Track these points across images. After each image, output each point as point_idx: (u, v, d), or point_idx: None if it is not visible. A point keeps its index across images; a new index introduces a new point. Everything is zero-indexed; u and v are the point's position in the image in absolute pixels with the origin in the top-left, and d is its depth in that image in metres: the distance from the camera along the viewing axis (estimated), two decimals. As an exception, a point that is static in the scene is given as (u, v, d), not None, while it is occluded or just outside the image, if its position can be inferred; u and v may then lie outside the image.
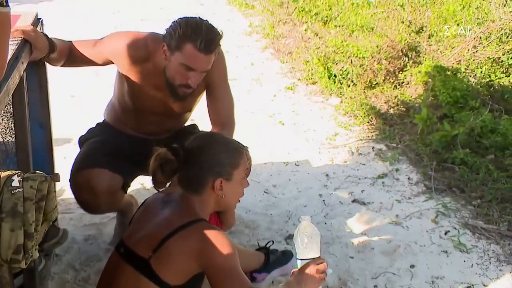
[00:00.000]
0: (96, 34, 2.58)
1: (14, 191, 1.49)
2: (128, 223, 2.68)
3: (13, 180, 1.50)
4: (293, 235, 2.77)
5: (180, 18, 2.25)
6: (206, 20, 2.25)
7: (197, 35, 2.17)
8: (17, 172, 1.56)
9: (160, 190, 1.93)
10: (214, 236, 1.78)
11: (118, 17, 6.57)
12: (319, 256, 1.91)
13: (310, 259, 1.89)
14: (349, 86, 4.57)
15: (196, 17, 2.26)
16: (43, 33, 2.26)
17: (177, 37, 2.19)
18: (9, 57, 1.60)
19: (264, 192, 3.22)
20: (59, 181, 1.67)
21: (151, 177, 1.88)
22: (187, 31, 2.18)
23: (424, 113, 3.80)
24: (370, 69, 4.59)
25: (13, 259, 1.49)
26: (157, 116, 2.49)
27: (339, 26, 5.66)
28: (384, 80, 4.57)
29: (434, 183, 3.26)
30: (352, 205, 3.10)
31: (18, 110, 2.04)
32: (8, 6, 1.42)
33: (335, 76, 4.66)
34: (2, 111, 2.08)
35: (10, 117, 2.19)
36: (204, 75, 2.28)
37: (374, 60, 4.63)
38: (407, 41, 4.86)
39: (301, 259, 1.91)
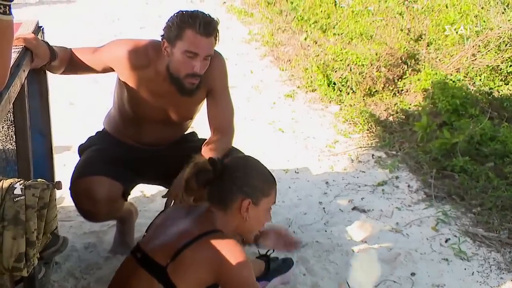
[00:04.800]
0: (95, 42, 2.59)
1: (16, 199, 1.48)
2: (127, 231, 2.70)
3: (15, 188, 1.50)
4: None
5: (175, 13, 2.28)
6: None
7: (195, 19, 2.20)
8: (19, 180, 1.55)
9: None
10: (229, 247, 1.80)
11: (118, 25, 6.59)
12: None
13: None
14: (348, 93, 4.58)
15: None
16: (44, 41, 2.27)
17: (175, 26, 2.22)
18: (11, 65, 1.60)
19: (264, 199, 3.21)
20: (61, 189, 1.66)
21: (184, 184, 1.90)
22: (184, 18, 2.22)
23: (424, 121, 3.81)
24: (369, 76, 4.60)
25: (15, 267, 1.48)
26: (158, 124, 2.48)
27: (338, 34, 5.68)
28: (383, 88, 4.58)
29: (434, 190, 3.26)
30: (352, 212, 3.10)
31: (19, 118, 2.03)
32: (11, 14, 1.43)
33: (334, 83, 4.67)
34: (3, 119, 2.08)
35: (11, 125, 2.18)
36: (208, 64, 2.28)
37: (373, 68, 4.64)
38: (406, 49, 4.87)
39: None
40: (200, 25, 2.19)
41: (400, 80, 4.65)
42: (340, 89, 4.62)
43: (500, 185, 3.21)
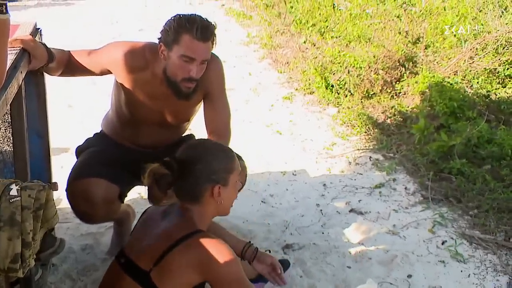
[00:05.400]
0: (94, 45, 2.59)
1: (12, 200, 1.49)
2: (125, 233, 2.70)
3: (11, 188, 1.50)
4: (290, 244, 2.80)
5: (173, 16, 2.27)
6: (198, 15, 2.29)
7: (192, 24, 2.20)
8: (15, 180, 1.56)
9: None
10: (215, 246, 1.79)
11: (117, 27, 6.60)
12: None
13: None
14: (346, 96, 4.59)
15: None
16: (42, 42, 2.27)
17: (173, 31, 2.22)
18: (8, 66, 1.61)
19: (261, 201, 3.22)
20: (57, 190, 1.67)
21: (147, 193, 1.88)
22: (181, 23, 2.21)
23: (421, 123, 3.82)
24: (367, 79, 4.61)
25: (11, 268, 1.48)
26: (155, 126, 2.49)
27: (336, 37, 5.69)
28: (381, 90, 4.59)
29: (431, 193, 3.27)
30: (349, 215, 3.11)
31: (16, 120, 2.04)
32: (8, 13, 1.43)
33: (332, 86, 4.68)
34: (0, 121, 2.08)
35: (8, 126, 2.18)
36: (205, 68, 2.29)
37: (371, 70, 4.65)
38: (404, 52, 4.88)
39: None
40: (198, 30, 2.19)
41: (397, 82, 4.66)
42: (338, 92, 4.63)
43: (497, 187, 3.22)
